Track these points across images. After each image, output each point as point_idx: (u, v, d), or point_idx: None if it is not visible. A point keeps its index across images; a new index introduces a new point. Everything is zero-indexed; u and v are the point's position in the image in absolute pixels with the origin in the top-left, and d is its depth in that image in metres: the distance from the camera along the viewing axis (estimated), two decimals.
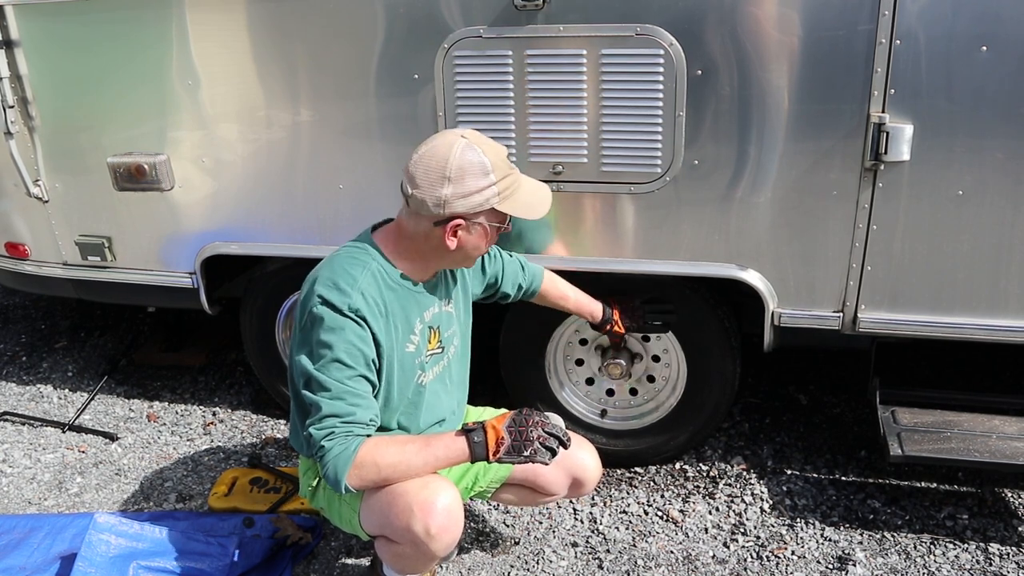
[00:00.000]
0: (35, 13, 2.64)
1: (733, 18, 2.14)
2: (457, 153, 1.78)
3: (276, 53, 2.49)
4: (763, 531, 2.54)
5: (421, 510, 1.79)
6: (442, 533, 1.81)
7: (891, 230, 2.26)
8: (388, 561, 2.01)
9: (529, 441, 1.80)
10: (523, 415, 1.84)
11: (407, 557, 1.91)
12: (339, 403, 1.77)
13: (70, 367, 3.80)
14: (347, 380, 1.78)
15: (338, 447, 1.75)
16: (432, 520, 1.79)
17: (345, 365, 1.78)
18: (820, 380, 3.40)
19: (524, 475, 2.17)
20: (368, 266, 1.87)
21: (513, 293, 2.33)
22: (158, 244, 2.87)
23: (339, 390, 1.77)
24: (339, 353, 1.78)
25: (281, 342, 3.06)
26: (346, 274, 1.84)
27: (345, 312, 1.79)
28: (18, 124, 2.80)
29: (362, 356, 1.80)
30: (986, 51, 2.03)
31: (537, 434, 1.80)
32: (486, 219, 1.85)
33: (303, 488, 2.16)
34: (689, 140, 2.28)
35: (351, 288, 1.81)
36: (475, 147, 1.79)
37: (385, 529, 1.88)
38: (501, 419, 1.84)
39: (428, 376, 2.04)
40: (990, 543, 2.44)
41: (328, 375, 1.78)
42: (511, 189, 1.85)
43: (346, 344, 1.78)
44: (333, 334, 1.78)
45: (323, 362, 1.78)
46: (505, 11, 2.27)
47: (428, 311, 2.01)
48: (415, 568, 2.00)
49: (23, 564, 2.36)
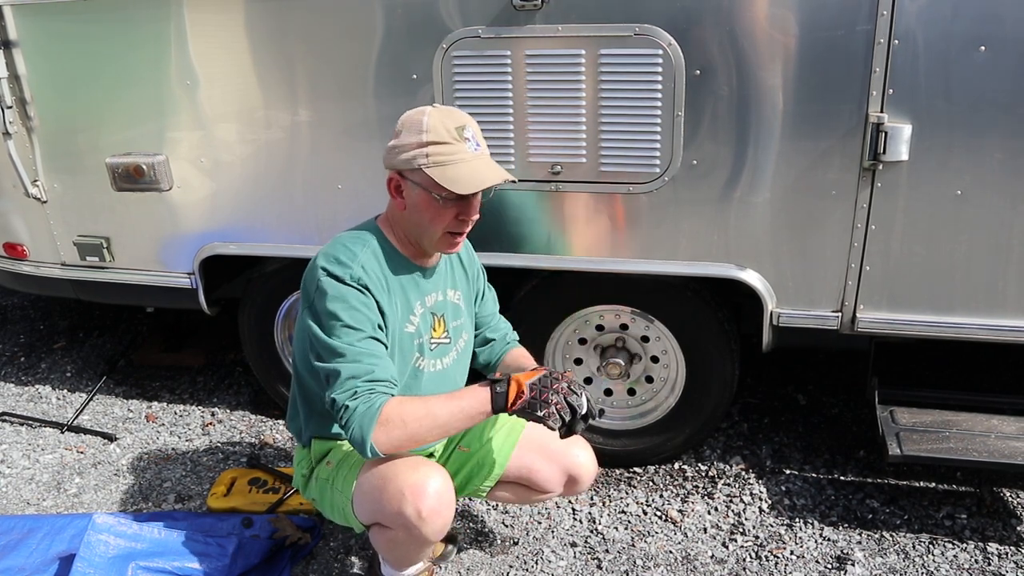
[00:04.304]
0: (34, 13, 2.64)
1: (732, 18, 2.14)
2: (411, 112, 1.86)
3: (275, 53, 2.49)
4: (762, 531, 2.54)
5: (412, 493, 1.80)
6: (433, 516, 1.82)
7: (890, 230, 2.26)
8: (383, 550, 2.02)
9: (546, 403, 1.78)
10: (551, 376, 1.82)
11: (400, 544, 1.92)
12: (356, 365, 1.78)
13: (69, 368, 3.80)
14: (359, 343, 1.80)
15: (362, 405, 1.75)
16: (423, 503, 1.80)
17: (354, 329, 1.80)
18: (819, 380, 3.40)
19: (519, 473, 2.17)
20: (368, 244, 1.91)
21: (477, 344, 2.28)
22: (157, 244, 2.87)
23: (354, 353, 1.79)
24: (347, 319, 1.80)
25: (280, 342, 3.06)
26: (347, 249, 1.88)
27: (347, 281, 1.82)
28: (16, 124, 2.80)
29: (369, 321, 1.82)
30: (985, 51, 2.03)
31: (556, 399, 1.79)
32: (422, 183, 1.83)
33: (296, 478, 2.16)
34: (688, 140, 2.28)
35: (351, 261, 1.85)
36: (427, 111, 1.84)
37: (377, 515, 1.88)
38: (531, 374, 1.84)
39: (431, 363, 2.05)
40: (989, 543, 2.44)
41: (340, 340, 1.79)
42: (448, 158, 1.81)
43: (352, 310, 1.81)
44: (338, 302, 1.81)
45: (333, 330, 1.80)
46: (504, 11, 2.27)
47: (430, 296, 2.02)
48: (409, 556, 2.01)
49: (22, 565, 2.35)
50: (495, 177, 1.85)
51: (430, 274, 2.03)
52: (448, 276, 2.10)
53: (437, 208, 1.86)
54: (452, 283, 2.10)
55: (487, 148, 1.91)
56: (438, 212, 1.86)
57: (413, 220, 1.90)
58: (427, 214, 1.87)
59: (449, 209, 1.86)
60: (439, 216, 1.87)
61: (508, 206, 2.49)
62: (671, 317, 2.63)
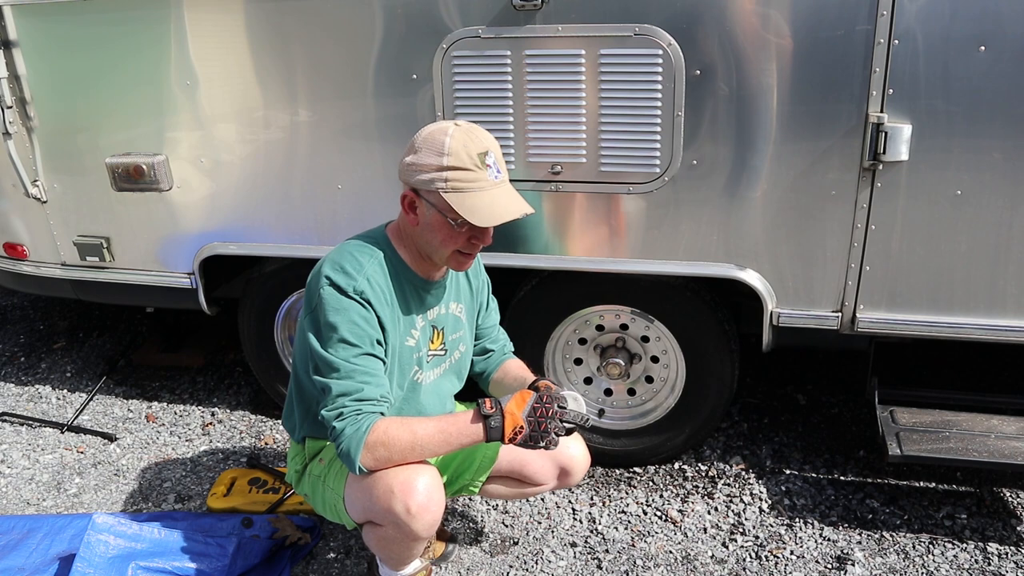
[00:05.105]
0: (33, 13, 2.64)
1: (731, 18, 2.14)
2: (433, 129, 1.81)
3: (274, 53, 2.49)
4: (762, 531, 2.54)
5: (401, 490, 1.80)
6: (422, 512, 1.82)
7: (889, 230, 2.26)
8: (376, 548, 2.02)
9: (546, 432, 1.79)
10: (543, 403, 1.81)
11: (392, 541, 1.93)
12: (348, 382, 1.78)
13: (68, 368, 3.80)
14: (353, 359, 1.80)
15: (350, 427, 1.76)
16: (412, 499, 1.80)
17: (351, 344, 1.80)
18: (818, 380, 3.40)
19: (511, 466, 2.17)
20: (375, 255, 1.89)
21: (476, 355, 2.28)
22: (156, 244, 2.87)
23: (347, 369, 1.79)
24: (344, 333, 1.79)
25: (280, 342, 3.06)
26: (353, 259, 1.86)
27: (350, 294, 1.81)
28: (16, 124, 2.79)
29: (367, 336, 1.82)
30: (985, 51, 2.03)
31: (554, 425, 1.80)
32: (438, 205, 1.81)
33: (290, 473, 2.17)
34: (688, 140, 2.28)
35: (357, 272, 1.83)
36: (450, 130, 1.78)
37: (368, 512, 1.89)
38: (519, 403, 1.82)
39: (425, 375, 2.05)
40: (989, 543, 2.44)
41: (335, 355, 1.79)
42: (467, 184, 1.78)
43: (351, 324, 1.80)
44: (338, 315, 1.80)
45: (330, 343, 1.80)
46: (503, 11, 2.27)
47: (433, 310, 2.02)
48: (402, 555, 2.02)
49: (22, 565, 2.35)
50: (514, 211, 1.81)
51: (435, 288, 2.01)
52: (453, 290, 2.08)
53: (450, 231, 1.83)
54: (456, 296, 2.10)
55: (508, 174, 1.87)
56: (451, 234, 1.84)
57: (425, 238, 1.88)
58: (439, 235, 1.85)
59: (463, 234, 1.84)
60: (451, 239, 1.85)
61: None
62: (671, 317, 2.63)
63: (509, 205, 1.82)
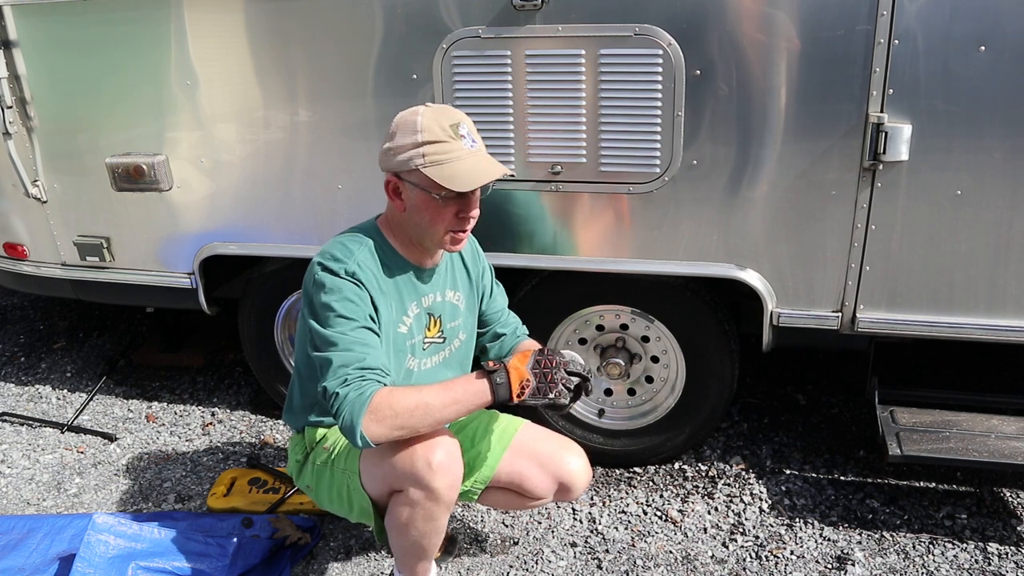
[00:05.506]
0: (33, 13, 2.64)
1: (732, 18, 2.14)
2: (405, 113, 1.86)
3: (274, 53, 2.49)
4: (762, 531, 2.54)
5: (424, 449, 1.82)
6: (443, 470, 1.82)
7: (889, 230, 2.26)
8: (398, 534, 1.95)
9: (554, 383, 1.80)
10: (545, 355, 1.83)
11: (415, 516, 1.88)
12: (348, 353, 1.79)
13: (68, 368, 3.80)
14: (351, 331, 1.81)
15: (353, 392, 1.74)
16: (433, 456, 1.81)
17: (347, 319, 1.82)
18: (818, 380, 3.40)
19: (510, 479, 2.15)
20: (365, 243, 1.92)
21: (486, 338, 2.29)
22: (156, 244, 2.87)
23: (346, 342, 1.80)
24: (340, 309, 1.82)
25: (280, 342, 3.06)
26: (343, 247, 1.90)
27: (342, 275, 1.84)
28: (16, 124, 2.80)
29: (362, 311, 1.84)
30: (985, 51, 2.03)
31: (560, 375, 1.81)
32: (420, 183, 1.84)
33: (290, 464, 2.17)
34: (688, 140, 2.28)
35: (347, 257, 1.87)
36: (420, 111, 1.84)
37: (388, 477, 1.88)
38: (522, 359, 1.84)
39: (420, 363, 2.05)
40: (989, 543, 2.44)
41: (333, 330, 1.81)
42: (444, 156, 1.81)
43: (345, 301, 1.83)
44: (332, 294, 1.83)
45: (327, 320, 1.82)
46: (504, 11, 2.27)
47: (427, 297, 2.03)
48: (425, 531, 1.94)
49: (22, 565, 2.35)
50: (493, 172, 1.85)
51: (429, 276, 2.03)
52: (448, 277, 2.10)
53: (437, 207, 1.85)
54: (452, 284, 2.10)
55: (483, 144, 1.91)
56: (438, 211, 1.86)
57: (413, 221, 1.91)
58: (427, 214, 1.87)
59: (449, 207, 1.86)
60: (439, 215, 1.87)
61: (508, 206, 2.49)
62: (671, 317, 2.63)
63: (489, 168, 1.86)
